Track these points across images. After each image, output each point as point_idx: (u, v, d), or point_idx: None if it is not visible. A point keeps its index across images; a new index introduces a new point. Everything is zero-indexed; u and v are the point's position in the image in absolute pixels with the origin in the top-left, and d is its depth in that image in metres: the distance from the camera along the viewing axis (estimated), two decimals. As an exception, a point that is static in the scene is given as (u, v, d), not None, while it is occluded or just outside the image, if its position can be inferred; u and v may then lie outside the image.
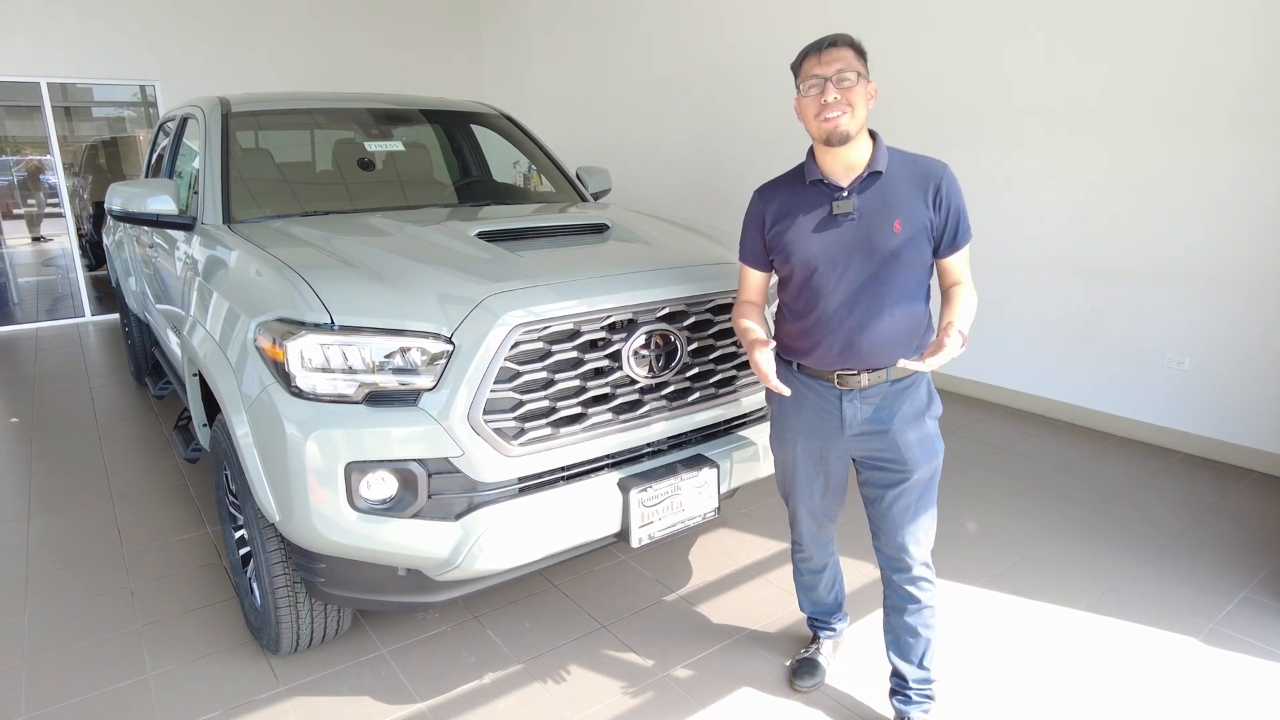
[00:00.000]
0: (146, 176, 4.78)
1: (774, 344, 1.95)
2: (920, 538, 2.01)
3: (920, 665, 2.11)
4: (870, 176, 1.86)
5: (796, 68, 1.87)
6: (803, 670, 2.35)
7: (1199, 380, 4.04)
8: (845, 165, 1.86)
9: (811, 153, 1.92)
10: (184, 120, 3.79)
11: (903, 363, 1.76)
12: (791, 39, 5.86)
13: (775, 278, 2.08)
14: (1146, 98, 4.01)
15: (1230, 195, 3.80)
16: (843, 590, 2.43)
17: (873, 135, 1.89)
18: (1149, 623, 2.66)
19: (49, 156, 7.44)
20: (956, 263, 1.92)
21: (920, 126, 5.00)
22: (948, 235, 1.87)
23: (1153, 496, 3.61)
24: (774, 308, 2.20)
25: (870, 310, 1.87)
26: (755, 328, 2.01)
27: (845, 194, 1.86)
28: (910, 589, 2.05)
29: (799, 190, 1.94)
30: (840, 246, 1.86)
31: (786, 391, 1.89)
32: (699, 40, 6.74)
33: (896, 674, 2.15)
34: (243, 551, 2.60)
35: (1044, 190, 4.51)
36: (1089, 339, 4.44)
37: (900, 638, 2.11)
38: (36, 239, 10.70)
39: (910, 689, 2.12)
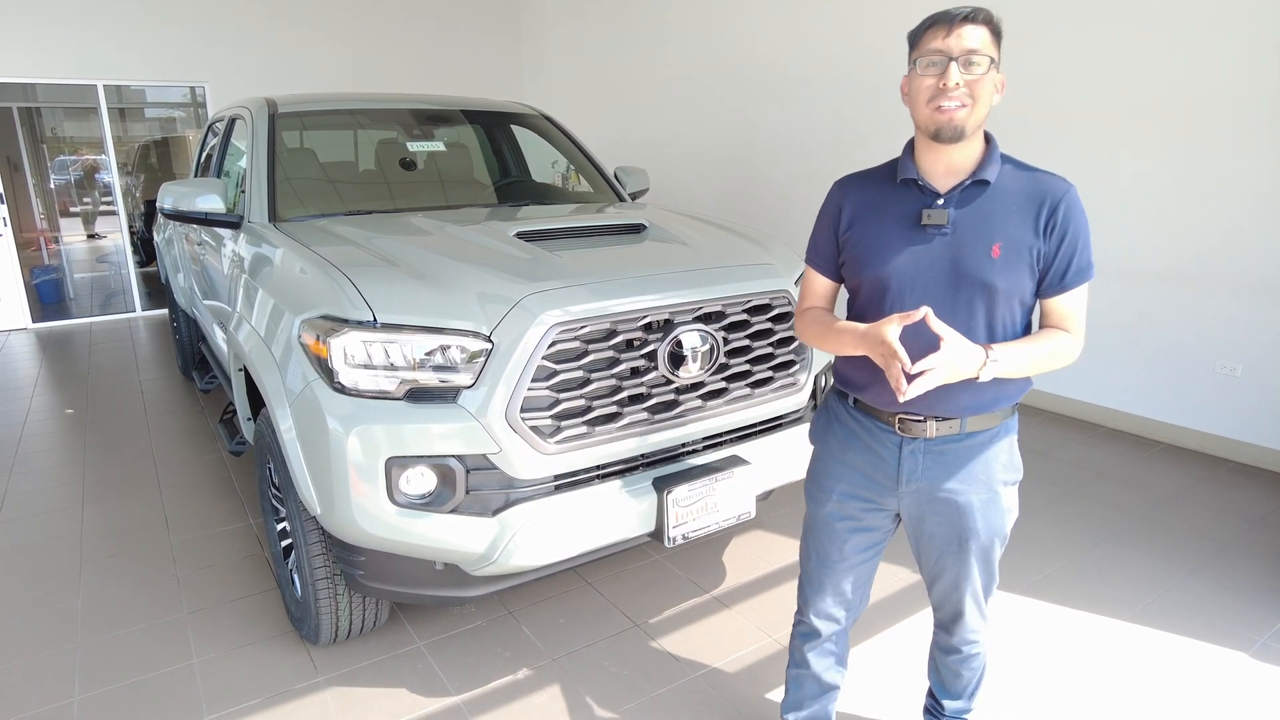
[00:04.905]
0: (196, 175, 4.91)
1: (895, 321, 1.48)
2: (973, 601, 1.79)
3: (957, 698, 2.02)
4: (974, 185, 1.55)
5: (914, 39, 1.54)
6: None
7: (1252, 387, 3.92)
8: (948, 167, 1.57)
9: (910, 146, 1.62)
10: (232, 121, 3.88)
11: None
12: (822, 40, 5.83)
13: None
14: (1195, 97, 3.90)
15: (1287, 196, 3.68)
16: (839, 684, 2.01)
17: (987, 137, 1.60)
18: (1196, 636, 2.59)
19: (104, 156, 7.69)
20: (1063, 307, 1.57)
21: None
22: (1056, 270, 1.54)
23: (1201, 506, 3.51)
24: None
25: None
26: (837, 319, 1.69)
27: (941, 202, 1.56)
28: (956, 644, 1.88)
29: (886, 188, 1.64)
30: (923, 265, 1.56)
31: (911, 370, 1.43)
32: (732, 42, 6.71)
33: (933, 698, 2.07)
34: (284, 543, 2.66)
35: (1090, 192, 4.39)
36: (1136, 343, 4.33)
37: (942, 673, 2.00)
38: (91, 236, 11.08)
39: (945, 715, 2.05)
